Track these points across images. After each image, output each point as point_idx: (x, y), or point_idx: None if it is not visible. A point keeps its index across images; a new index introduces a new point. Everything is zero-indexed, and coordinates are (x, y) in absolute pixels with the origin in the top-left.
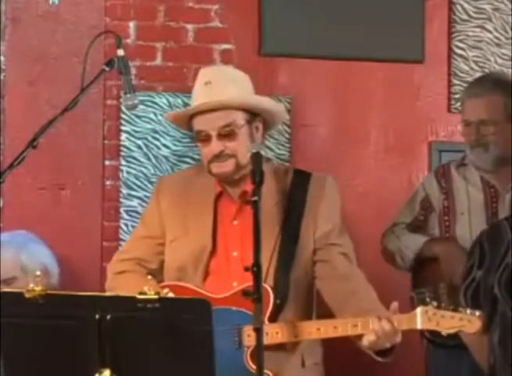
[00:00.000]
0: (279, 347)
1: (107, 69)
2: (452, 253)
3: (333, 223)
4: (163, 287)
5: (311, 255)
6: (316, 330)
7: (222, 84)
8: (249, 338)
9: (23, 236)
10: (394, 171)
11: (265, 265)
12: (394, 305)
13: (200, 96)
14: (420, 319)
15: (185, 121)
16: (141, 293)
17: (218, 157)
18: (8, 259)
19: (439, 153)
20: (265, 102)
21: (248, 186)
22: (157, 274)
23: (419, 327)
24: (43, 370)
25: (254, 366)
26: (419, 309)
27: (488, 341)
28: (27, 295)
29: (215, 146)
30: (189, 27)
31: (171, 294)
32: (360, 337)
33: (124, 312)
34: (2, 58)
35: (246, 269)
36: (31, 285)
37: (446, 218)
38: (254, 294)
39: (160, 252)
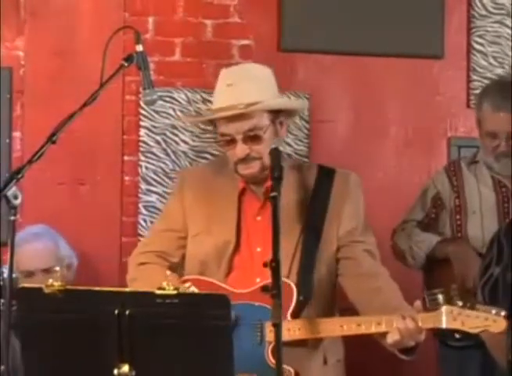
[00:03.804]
0: (301, 343)
1: (126, 64)
2: (465, 255)
3: (357, 220)
4: (185, 281)
5: (335, 252)
6: (339, 327)
7: (245, 85)
8: (271, 334)
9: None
10: (413, 166)
11: (288, 262)
12: (418, 303)
13: (222, 99)
14: (445, 318)
15: (205, 122)
16: (159, 288)
17: (245, 159)
18: (46, 249)
19: (458, 148)
20: (288, 102)
21: (270, 183)
22: (178, 268)
23: (444, 326)
24: (62, 365)
25: (275, 362)
26: (444, 309)
27: (507, 338)
28: (46, 290)
29: (241, 149)
30: (208, 22)
31: (193, 288)
32: (384, 335)
33: (143, 308)
34: (21, 53)
35: (265, 265)
36: (50, 280)
37: (458, 217)
38: (273, 290)
39: (181, 246)
